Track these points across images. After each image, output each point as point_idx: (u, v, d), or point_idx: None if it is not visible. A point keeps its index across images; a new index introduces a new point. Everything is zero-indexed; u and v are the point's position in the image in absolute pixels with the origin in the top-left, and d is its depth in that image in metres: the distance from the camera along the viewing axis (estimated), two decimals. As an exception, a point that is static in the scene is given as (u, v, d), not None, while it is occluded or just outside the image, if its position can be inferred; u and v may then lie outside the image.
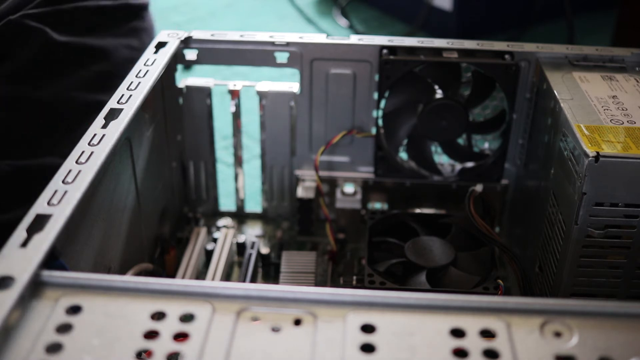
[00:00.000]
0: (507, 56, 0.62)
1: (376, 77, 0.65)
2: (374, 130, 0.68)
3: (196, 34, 0.65)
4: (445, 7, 1.28)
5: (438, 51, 0.63)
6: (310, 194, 0.70)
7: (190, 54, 0.66)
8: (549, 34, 1.31)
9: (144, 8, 0.79)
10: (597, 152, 0.47)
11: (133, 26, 0.77)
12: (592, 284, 0.53)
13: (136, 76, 0.57)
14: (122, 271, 0.53)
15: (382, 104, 0.65)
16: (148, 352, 0.34)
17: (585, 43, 0.66)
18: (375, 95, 0.66)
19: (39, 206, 0.40)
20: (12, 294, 0.34)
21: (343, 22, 1.40)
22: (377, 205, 0.72)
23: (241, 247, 0.70)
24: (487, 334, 0.34)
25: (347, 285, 0.65)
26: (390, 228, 0.64)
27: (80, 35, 0.72)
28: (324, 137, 0.69)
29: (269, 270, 0.68)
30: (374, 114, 0.67)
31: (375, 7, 1.48)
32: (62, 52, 0.70)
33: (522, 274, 0.56)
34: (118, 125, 0.49)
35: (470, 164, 0.68)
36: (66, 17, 0.71)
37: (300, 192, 0.71)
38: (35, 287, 0.36)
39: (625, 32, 1.17)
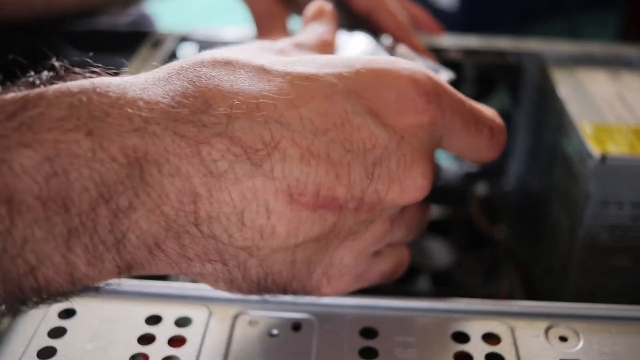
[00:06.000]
0: (510, 55, 0.62)
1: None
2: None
3: (194, 33, 0.65)
4: (447, 5, 1.27)
5: (440, 50, 0.63)
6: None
7: (189, 53, 0.65)
8: (553, 32, 1.30)
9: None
10: (603, 153, 0.47)
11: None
12: (597, 287, 0.52)
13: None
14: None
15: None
16: (143, 357, 0.33)
17: (590, 40, 0.65)
18: (377, 95, 0.65)
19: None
20: (3, 298, 0.33)
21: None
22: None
23: (241, 248, 0.69)
24: (490, 338, 0.34)
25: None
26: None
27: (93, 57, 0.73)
28: (325, 136, 0.68)
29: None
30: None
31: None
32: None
33: (525, 276, 0.56)
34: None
35: (472, 164, 0.68)
36: (82, 39, 0.71)
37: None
38: (28, 290, 0.35)
39: (631, 30, 1.16)
